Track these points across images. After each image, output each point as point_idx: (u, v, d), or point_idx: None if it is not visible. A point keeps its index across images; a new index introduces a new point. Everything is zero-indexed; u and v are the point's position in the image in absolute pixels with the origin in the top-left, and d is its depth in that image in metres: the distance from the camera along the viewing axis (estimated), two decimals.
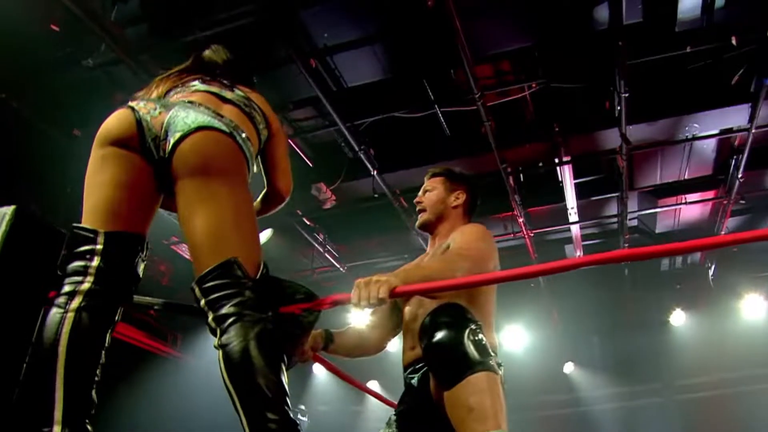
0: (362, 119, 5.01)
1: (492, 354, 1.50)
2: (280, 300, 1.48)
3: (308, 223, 6.23)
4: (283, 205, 1.91)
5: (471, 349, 1.44)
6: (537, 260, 6.80)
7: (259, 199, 1.88)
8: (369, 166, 5.24)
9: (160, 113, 1.49)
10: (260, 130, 1.72)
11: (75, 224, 1.45)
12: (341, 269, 6.87)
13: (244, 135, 1.57)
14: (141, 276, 1.52)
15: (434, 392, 1.57)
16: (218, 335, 1.38)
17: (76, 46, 3.80)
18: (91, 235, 1.44)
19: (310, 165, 5.73)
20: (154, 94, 1.70)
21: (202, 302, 1.42)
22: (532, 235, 6.33)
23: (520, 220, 5.97)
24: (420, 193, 2.15)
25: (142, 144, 1.47)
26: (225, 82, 1.77)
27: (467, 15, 4.07)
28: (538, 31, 4.35)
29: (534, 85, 4.80)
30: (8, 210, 1.36)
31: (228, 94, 1.70)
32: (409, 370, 1.82)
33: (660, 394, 8.08)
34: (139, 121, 1.48)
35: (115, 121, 1.50)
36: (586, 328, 8.21)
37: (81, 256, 1.42)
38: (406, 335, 1.91)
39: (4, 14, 3.25)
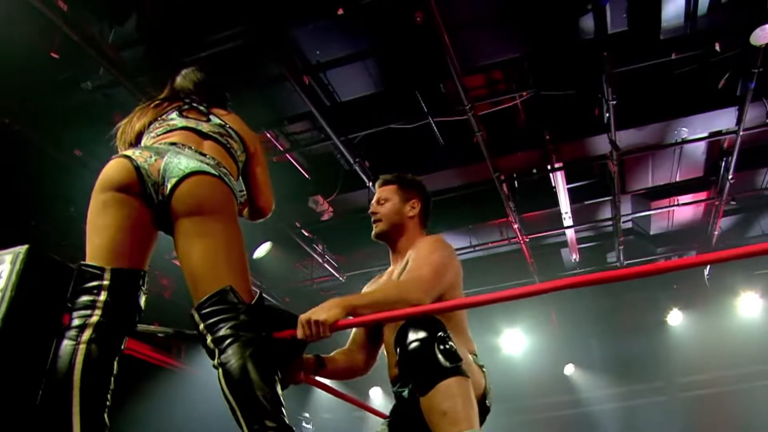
0: (356, 132, 5.08)
1: (461, 359, 1.56)
2: (271, 325, 1.62)
3: (307, 234, 6.31)
4: (266, 218, 2.05)
5: (440, 357, 1.51)
6: (533, 265, 6.87)
7: (245, 212, 2.03)
8: (364, 178, 5.31)
9: (156, 160, 1.64)
10: (237, 157, 1.87)
11: (83, 262, 1.58)
12: (341, 279, 6.95)
13: (225, 170, 1.73)
14: (143, 307, 1.65)
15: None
16: (217, 355, 1.51)
17: (76, 69, 3.87)
18: (99, 272, 1.57)
19: (307, 177, 5.81)
20: (137, 126, 1.88)
21: (201, 326, 1.55)
22: (528, 240, 6.40)
23: (515, 226, 6.03)
24: (374, 201, 2.14)
25: (142, 189, 1.62)
26: (201, 108, 1.92)
27: (456, 28, 4.15)
28: (527, 42, 4.43)
29: (525, 94, 4.88)
30: (22, 249, 1.49)
31: (205, 127, 1.85)
32: (398, 384, 1.88)
33: (661, 393, 8.14)
34: (137, 169, 1.62)
35: (115, 169, 1.63)
36: (586, 329, 8.27)
37: (89, 291, 1.55)
38: (388, 352, 1.97)
39: (5, 41, 3.33)
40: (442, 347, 1.51)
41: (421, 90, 4.90)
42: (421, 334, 1.53)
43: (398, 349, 1.56)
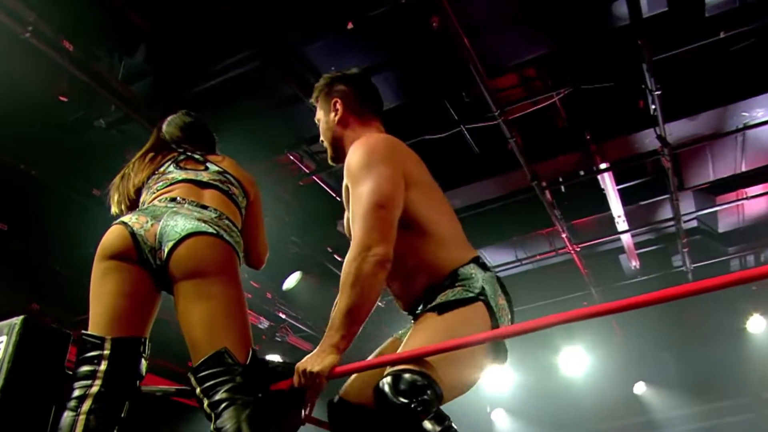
0: None
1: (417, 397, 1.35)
2: (268, 379, 1.68)
3: (339, 259, 6.26)
4: (260, 267, 2.10)
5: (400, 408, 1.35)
6: (589, 275, 6.61)
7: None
8: None
9: (152, 225, 1.71)
10: (239, 203, 1.95)
11: (84, 331, 1.68)
12: (379, 303, 6.85)
13: (227, 221, 1.80)
14: (144, 373, 1.73)
15: None
16: (213, 420, 1.57)
17: (88, 108, 4.00)
18: (99, 341, 1.65)
19: (337, 199, 5.79)
20: (136, 181, 1.96)
21: (198, 390, 1.62)
22: (579, 249, 6.18)
23: (564, 235, 5.85)
24: None
25: (139, 256, 1.70)
26: (197, 157, 2.00)
27: (477, 29, 4.08)
28: (557, 35, 4.30)
29: (563, 91, 4.70)
30: (17, 321, 1.59)
31: (204, 177, 1.92)
32: None
33: (748, 410, 7.61)
34: (133, 235, 1.70)
35: (112, 237, 1.72)
36: (655, 341, 7.86)
37: (89, 361, 1.64)
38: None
39: (13, 86, 3.46)
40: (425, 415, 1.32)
41: (448, 97, 4.80)
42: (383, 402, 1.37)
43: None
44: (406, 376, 1.37)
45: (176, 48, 4.13)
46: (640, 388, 8.07)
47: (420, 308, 1.62)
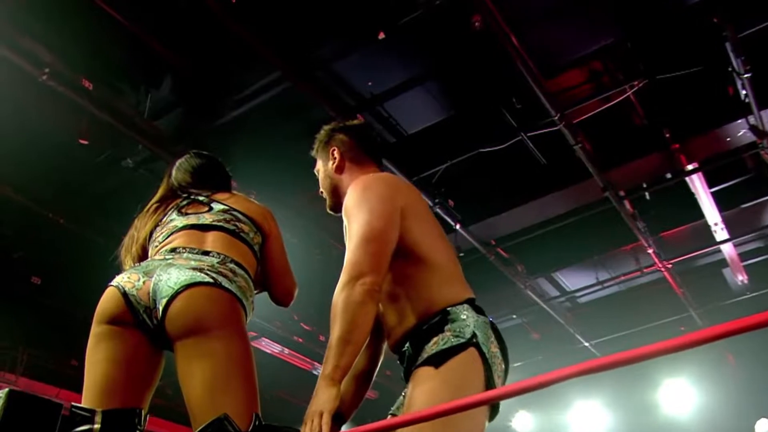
0: (432, 168, 4.85)
1: None
2: None
3: None
4: (288, 305, 2.05)
5: None
6: (686, 295, 6.09)
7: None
8: (450, 220, 5.06)
9: (144, 283, 1.68)
10: (250, 240, 1.89)
11: (74, 404, 1.65)
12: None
13: (232, 264, 1.76)
14: None
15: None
16: None
17: (113, 148, 4.04)
18: (89, 415, 1.61)
19: None
20: (141, 238, 1.94)
21: None
22: (671, 265, 5.82)
23: (650, 250, 5.51)
24: None
25: (135, 318, 1.66)
26: (201, 198, 1.97)
27: (526, 26, 3.89)
28: (623, 20, 4.05)
29: (637, 84, 4.35)
30: (2, 393, 1.59)
31: (207, 219, 1.89)
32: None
33: None
34: (126, 296, 1.66)
35: (104, 301, 1.69)
36: None
37: None
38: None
39: (33, 131, 3.53)
40: None
41: (501, 104, 4.56)
42: None
43: None
44: None
45: (203, 76, 4.15)
46: (763, 426, 7.26)
47: (406, 347, 1.62)
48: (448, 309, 1.58)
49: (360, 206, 1.63)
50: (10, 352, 4.36)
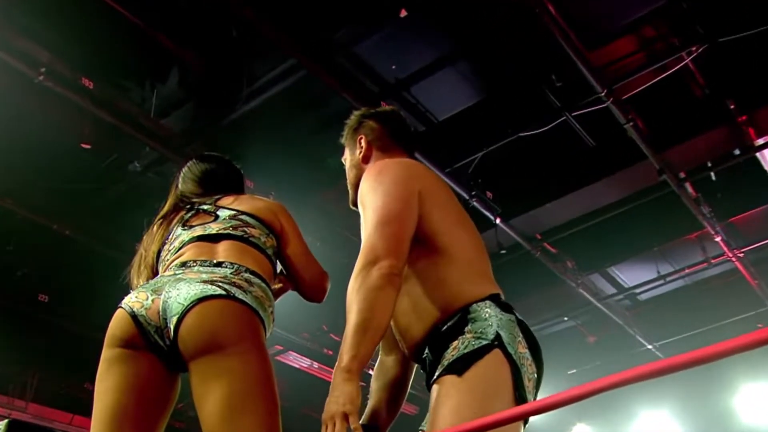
0: (468, 157, 4.73)
1: None
2: None
3: None
4: (322, 300, 2.06)
5: None
6: (762, 287, 5.96)
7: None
8: (488, 213, 4.92)
9: (153, 301, 1.66)
10: (263, 244, 1.88)
11: None
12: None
13: (246, 274, 1.75)
14: None
15: None
16: None
17: (119, 150, 4.00)
18: None
19: None
20: (149, 258, 1.93)
21: None
22: (742, 254, 5.63)
23: (718, 238, 5.30)
24: None
25: (146, 340, 1.64)
26: (206, 207, 1.96)
27: None
28: None
29: (695, 49, 4.14)
30: (2, 424, 1.67)
31: (214, 228, 1.88)
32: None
33: None
34: (135, 318, 1.64)
35: (114, 325, 1.68)
36: None
37: None
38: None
39: (33, 137, 3.46)
40: None
41: (541, 82, 4.43)
42: None
43: None
44: None
45: (212, 68, 4.08)
46: None
47: (426, 353, 1.59)
48: (469, 307, 1.55)
49: (375, 190, 1.62)
50: (19, 376, 4.32)
